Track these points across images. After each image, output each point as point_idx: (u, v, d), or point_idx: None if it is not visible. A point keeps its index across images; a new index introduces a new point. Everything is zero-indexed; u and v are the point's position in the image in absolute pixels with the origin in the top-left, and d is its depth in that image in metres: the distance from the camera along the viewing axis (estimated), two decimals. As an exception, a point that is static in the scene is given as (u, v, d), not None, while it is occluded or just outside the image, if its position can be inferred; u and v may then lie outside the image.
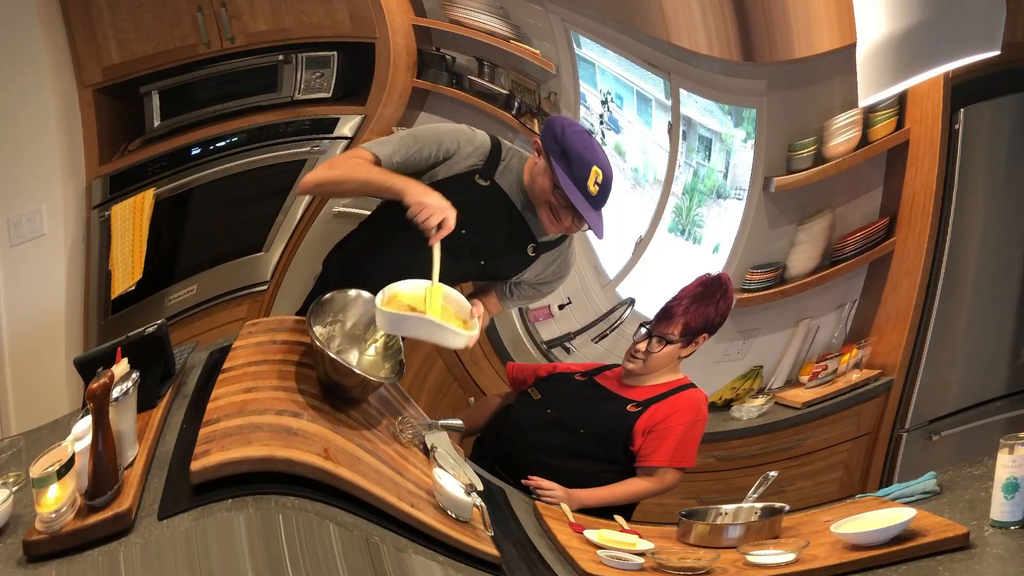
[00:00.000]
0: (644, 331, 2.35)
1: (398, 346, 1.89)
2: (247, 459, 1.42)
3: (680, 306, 2.33)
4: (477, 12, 2.94)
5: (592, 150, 2.06)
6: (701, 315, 2.31)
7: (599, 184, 2.04)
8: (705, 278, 2.38)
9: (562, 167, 2.03)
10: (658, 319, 2.35)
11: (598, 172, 2.03)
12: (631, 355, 2.36)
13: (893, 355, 2.99)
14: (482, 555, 1.60)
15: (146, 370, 1.70)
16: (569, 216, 2.08)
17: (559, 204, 2.07)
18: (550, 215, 2.10)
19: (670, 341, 2.31)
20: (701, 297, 2.33)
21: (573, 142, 2.04)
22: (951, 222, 2.89)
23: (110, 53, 2.76)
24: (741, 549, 1.79)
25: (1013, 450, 1.63)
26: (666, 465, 2.24)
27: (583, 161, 2.02)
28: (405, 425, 1.87)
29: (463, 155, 2.10)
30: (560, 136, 2.05)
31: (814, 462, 3.05)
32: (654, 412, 2.26)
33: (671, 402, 2.29)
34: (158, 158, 2.88)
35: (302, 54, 2.92)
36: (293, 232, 3.04)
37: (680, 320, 2.31)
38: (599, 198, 2.06)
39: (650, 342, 2.32)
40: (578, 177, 2.02)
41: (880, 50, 2.72)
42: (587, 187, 2.02)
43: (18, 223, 2.70)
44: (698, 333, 2.33)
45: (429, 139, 2.09)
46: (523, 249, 2.19)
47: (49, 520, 1.33)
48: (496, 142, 2.16)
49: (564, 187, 2.02)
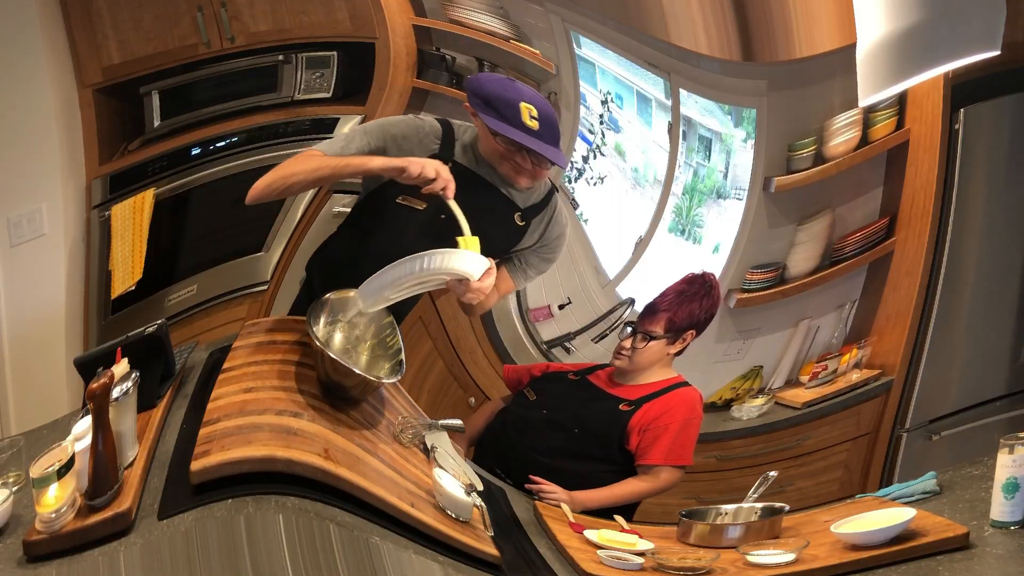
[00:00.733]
0: (629, 328, 2.36)
1: (398, 346, 1.89)
2: (247, 459, 1.42)
3: (664, 302, 2.33)
4: (477, 12, 2.94)
5: (514, 89, 2.03)
6: (686, 311, 2.31)
7: (536, 119, 1.99)
8: (690, 276, 2.39)
9: (490, 115, 2.00)
10: (643, 316, 2.36)
11: (528, 107, 1.99)
12: (618, 352, 2.36)
13: (893, 355, 2.99)
14: (482, 555, 1.60)
15: (146, 370, 1.70)
16: (525, 158, 2.04)
17: (509, 150, 2.04)
18: (510, 167, 2.07)
19: (654, 337, 2.31)
20: (686, 294, 2.33)
21: (491, 88, 2.02)
22: (951, 222, 2.88)
23: (110, 53, 2.76)
24: (741, 549, 1.79)
25: (1013, 450, 1.63)
26: (662, 463, 2.23)
27: (506, 101, 1.99)
28: (405, 425, 1.87)
29: (416, 142, 2.08)
30: (478, 88, 2.03)
31: (814, 462, 3.05)
32: (647, 410, 2.27)
33: (664, 400, 2.29)
34: (158, 158, 2.88)
35: (302, 54, 2.92)
36: (293, 232, 3.04)
37: (664, 316, 2.31)
38: (543, 132, 2.01)
39: (635, 339, 2.32)
40: (509, 117, 1.98)
41: (880, 50, 2.72)
42: (523, 123, 1.98)
43: (18, 223, 2.70)
44: (684, 330, 2.32)
45: (378, 132, 2.07)
46: (510, 219, 2.16)
47: (49, 520, 1.33)
48: (447, 123, 2.14)
49: (500, 130, 1.99)
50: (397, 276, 1.79)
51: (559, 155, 2.04)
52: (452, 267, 1.80)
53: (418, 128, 2.10)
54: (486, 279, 1.87)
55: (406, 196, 2.09)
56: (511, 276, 2.25)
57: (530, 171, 2.07)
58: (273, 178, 2.02)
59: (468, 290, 1.87)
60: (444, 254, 1.78)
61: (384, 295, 1.84)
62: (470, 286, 1.86)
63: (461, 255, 1.81)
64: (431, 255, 1.77)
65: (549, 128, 2.02)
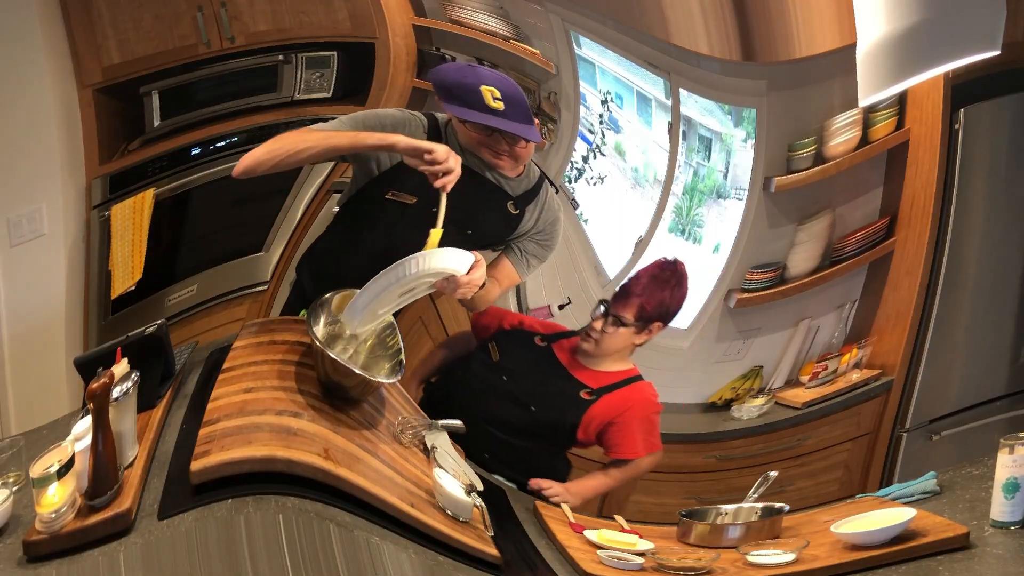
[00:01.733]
0: (602, 308, 2.33)
1: (398, 346, 1.89)
2: (247, 459, 1.42)
3: (638, 286, 2.31)
4: (477, 12, 2.94)
5: (474, 74, 2.02)
6: (657, 299, 2.29)
7: (500, 99, 1.98)
8: (662, 261, 2.37)
9: (454, 104, 2.00)
10: (616, 298, 2.34)
11: (490, 90, 1.98)
12: (587, 333, 2.34)
13: (893, 355, 2.99)
14: (482, 555, 1.60)
15: (146, 370, 1.70)
16: (499, 140, 2.05)
17: (483, 136, 2.04)
18: (489, 153, 2.07)
19: (624, 323, 2.29)
20: (658, 279, 2.32)
21: (452, 77, 2.02)
22: (951, 222, 2.88)
23: (110, 53, 2.76)
24: (741, 549, 1.79)
25: (1013, 450, 1.63)
26: (642, 456, 2.27)
27: (467, 87, 1.98)
28: (405, 425, 1.87)
29: (407, 135, 2.05)
30: (441, 81, 2.03)
31: (814, 462, 3.04)
32: (606, 403, 2.28)
33: (624, 395, 2.30)
34: (158, 158, 2.88)
35: (302, 54, 2.92)
36: (293, 232, 3.04)
37: (637, 302, 2.29)
38: (509, 111, 1.99)
39: (606, 321, 2.30)
40: (472, 103, 1.98)
41: (880, 50, 2.72)
42: (488, 106, 1.98)
43: (18, 223, 2.70)
44: (653, 319, 2.31)
45: (373, 121, 2.07)
46: (504, 208, 2.16)
47: (49, 520, 1.33)
48: (433, 116, 2.15)
49: (466, 116, 1.99)
50: (380, 289, 1.75)
51: (531, 131, 2.03)
52: (434, 267, 1.77)
53: (408, 121, 2.10)
54: (475, 271, 1.86)
55: (396, 192, 2.09)
56: (514, 267, 2.24)
57: (509, 152, 2.07)
58: (274, 146, 1.96)
59: (458, 285, 1.85)
60: (423, 256, 1.74)
61: (373, 311, 1.81)
62: (459, 281, 1.84)
63: (440, 253, 1.77)
64: (410, 260, 1.73)
65: (515, 106, 2.00)
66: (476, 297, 2.04)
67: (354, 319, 1.80)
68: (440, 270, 1.79)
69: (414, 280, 1.76)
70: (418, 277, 1.76)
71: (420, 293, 1.87)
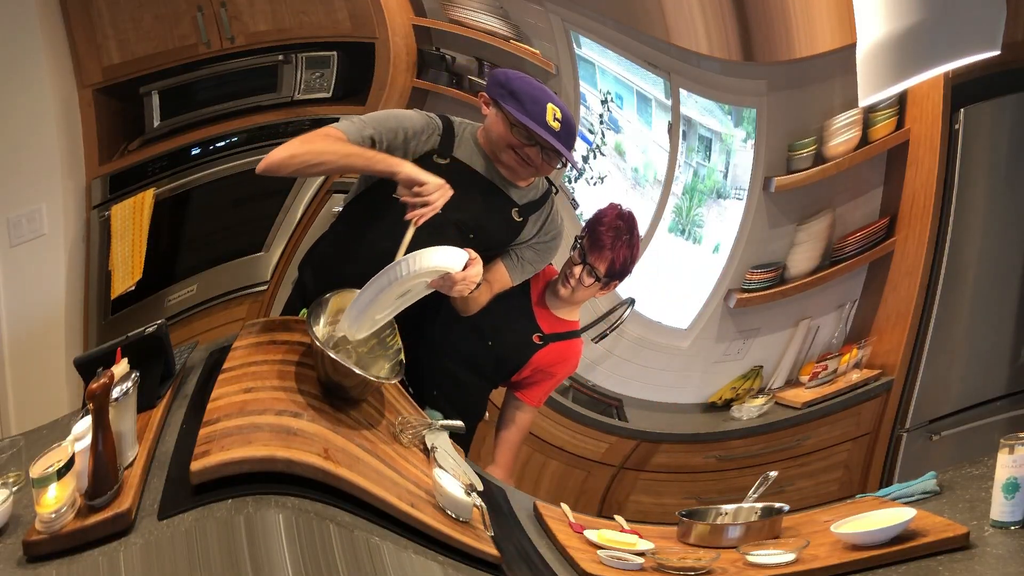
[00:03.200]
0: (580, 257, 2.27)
1: (398, 346, 1.89)
2: (247, 459, 1.42)
3: (607, 238, 2.25)
4: (477, 12, 2.94)
5: (542, 90, 2.04)
6: (622, 256, 2.26)
7: (559, 120, 2.00)
8: (617, 210, 2.30)
9: (514, 106, 2.00)
10: (591, 247, 2.26)
11: (555, 109, 2.00)
12: (566, 278, 2.29)
13: (893, 355, 2.99)
14: (482, 555, 1.60)
15: (146, 370, 1.70)
16: (536, 152, 2.04)
17: (521, 143, 2.04)
18: (516, 158, 2.06)
19: (597, 277, 2.26)
20: (620, 231, 2.27)
21: (520, 85, 2.03)
22: (951, 222, 2.89)
23: (110, 53, 2.76)
24: (741, 549, 1.79)
25: (1013, 450, 1.63)
26: (536, 406, 2.34)
27: (535, 98, 2.00)
28: (405, 425, 1.87)
29: (422, 138, 2.08)
30: (506, 82, 2.03)
31: (814, 462, 3.05)
32: (550, 351, 2.30)
33: (564, 347, 2.33)
34: (158, 158, 2.88)
35: (302, 54, 2.92)
36: (293, 232, 3.04)
37: (608, 256, 2.24)
38: (563, 134, 2.02)
39: (583, 270, 2.26)
40: (534, 113, 1.99)
41: (880, 50, 2.72)
42: (547, 123, 1.99)
43: (18, 223, 2.70)
44: (614, 278, 2.29)
45: (392, 121, 2.06)
46: (508, 215, 2.16)
47: (49, 520, 1.33)
48: (447, 119, 2.15)
49: (523, 120, 1.99)
50: (376, 292, 1.75)
51: (572, 155, 2.08)
52: (429, 265, 1.77)
53: (427, 126, 2.10)
54: (472, 268, 1.87)
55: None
56: (508, 271, 2.24)
57: (536, 165, 2.08)
58: (297, 151, 1.92)
59: (455, 282, 1.86)
60: (417, 255, 1.74)
61: (370, 316, 1.80)
62: (454, 278, 1.84)
63: (434, 251, 1.76)
64: (404, 260, 1.73)
65: (569, 132, 2.05)
66: (466, 299, 2.04)
67: (352, 325, 1.80)
68: (433, 268, 1.79)
69: (409, 281, 1.77)
70: (412, 277, 1.76)
71: (417, 295, 1.87)
